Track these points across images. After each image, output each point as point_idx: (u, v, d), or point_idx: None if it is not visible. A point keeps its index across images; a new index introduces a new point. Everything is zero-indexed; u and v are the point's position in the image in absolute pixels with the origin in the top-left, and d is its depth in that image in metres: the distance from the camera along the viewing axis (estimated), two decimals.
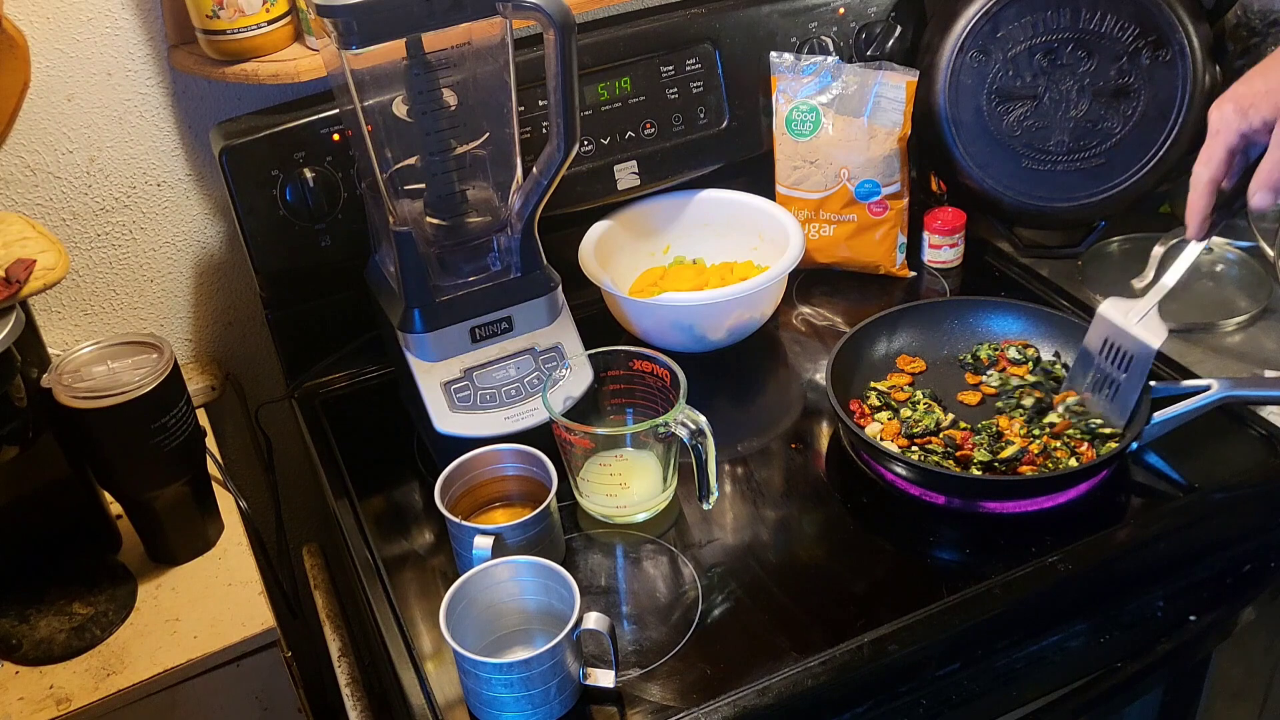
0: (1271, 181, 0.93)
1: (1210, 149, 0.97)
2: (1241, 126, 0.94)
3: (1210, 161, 0.97)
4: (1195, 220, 1.00)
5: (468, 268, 1.09)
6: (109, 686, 0.96)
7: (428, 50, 1.00)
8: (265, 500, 1.43)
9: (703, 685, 0.87)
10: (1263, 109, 0.93)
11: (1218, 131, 0.96)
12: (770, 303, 1.24)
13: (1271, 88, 0.93)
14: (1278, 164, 0.93)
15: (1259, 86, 0.94)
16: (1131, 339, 1.02)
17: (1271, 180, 0.93)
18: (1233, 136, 0.95)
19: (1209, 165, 0.97)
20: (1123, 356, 1.03)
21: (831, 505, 1.05)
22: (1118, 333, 1.03)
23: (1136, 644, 1.01)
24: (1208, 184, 0.98)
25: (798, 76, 1.32)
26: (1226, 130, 0.96)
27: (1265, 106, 0.93)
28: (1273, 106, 0.92)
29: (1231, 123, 0.95)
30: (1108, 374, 1.04)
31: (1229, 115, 0.95)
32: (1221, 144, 0.96)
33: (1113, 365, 1.03)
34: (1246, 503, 1.03)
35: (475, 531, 0.93)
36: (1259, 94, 0.93)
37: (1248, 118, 0.94)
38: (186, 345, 1.35)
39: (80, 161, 1.21)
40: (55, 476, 1.02)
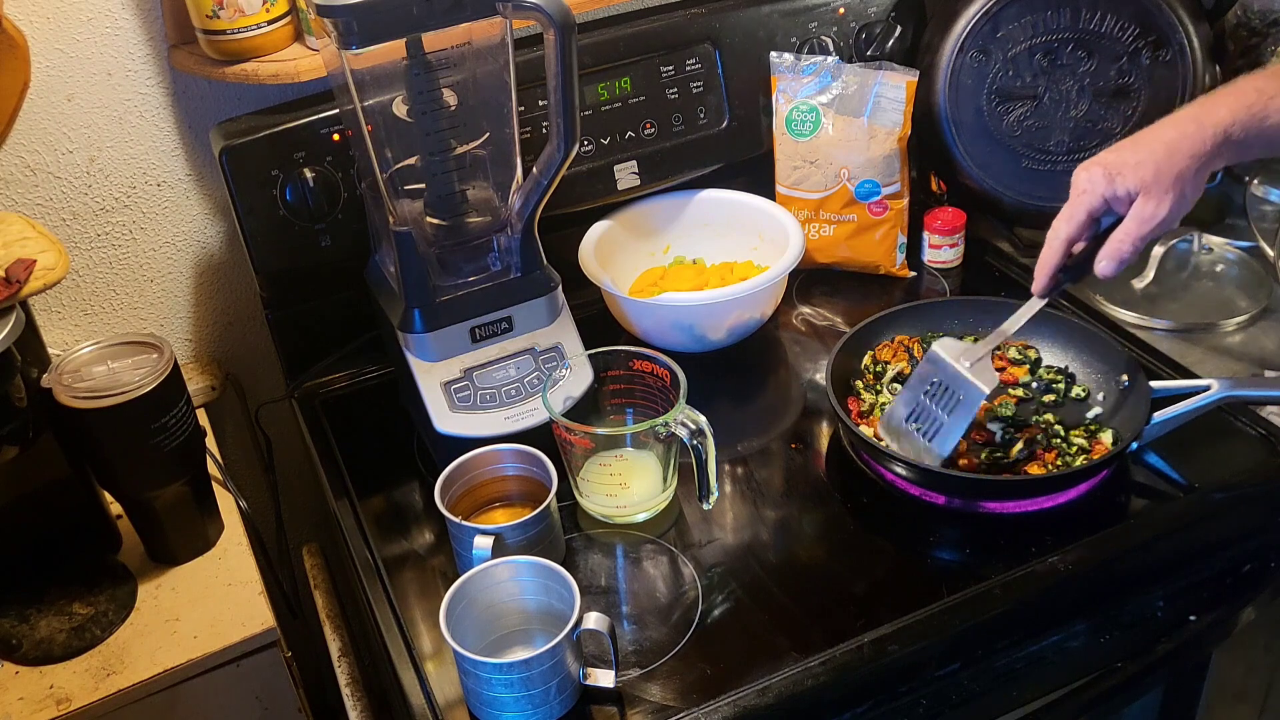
0: (1119, 252, 0.96)
1: (1072, 208, 0.99)
2: (1106, 191, 0.96)
3: (1071, 220, 0.99)
4: (1043, 276, 1.01)
5: (468, 268, 1.09)
6: (109, 686, 0.96)
7: (428, 50, 1.00)
8: (265, 500, 1.43)
9: (703, 685, 0.87)
10: (1129, 180, 0.95)
11: (1083, 192, 0.98)
12: (770, 303, 1.24)
13: (1141, 160, 0.95)
14: (1129, 236, 0.95)
15: (1129, 158, 0.96)
16: (963, 381, 1.00)
17: (1120, 251, 0.96)
18: (1096, 200, 0.97)
19: (1069, 223, 0.99)
20: (950, 397, 1.01)
21: (831, 505, 1.05)
22: (950, 373, 1.01)
23: (1136, 644, 1.01)
24: (1064, 241, 0.99)
25: (798, 76, 1.32)
26: (1092, 192, 0.97)
27: (1132, 178, 0.95)
28: (1138, 179, 0.94)
29: (1098, 186, 0.97)
30: (932, 413, 1.02)
31: (1097, 178, 0.97)
32: (1084, 205, 0.98)
33: (938, 406, 1.02)
34: (1246, 503, 1.03)
35: (475, 531, 0.93)
36: (1128, 165, 0.95)
37: (1114, 185, 0.96)
38: (186, 345, 1.35)
39: (80, 161, 1.21)
40: (55, 476, 1.02)
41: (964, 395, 1.00)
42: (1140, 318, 1.24)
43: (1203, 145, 0.94)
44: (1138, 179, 0.95)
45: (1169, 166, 0.94)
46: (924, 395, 1.03)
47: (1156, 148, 0.95)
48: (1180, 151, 0.94)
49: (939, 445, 1.01)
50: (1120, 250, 0.96)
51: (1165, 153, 0.95)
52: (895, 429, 1.04)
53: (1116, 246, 0.96)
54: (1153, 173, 0.94)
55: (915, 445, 1.02)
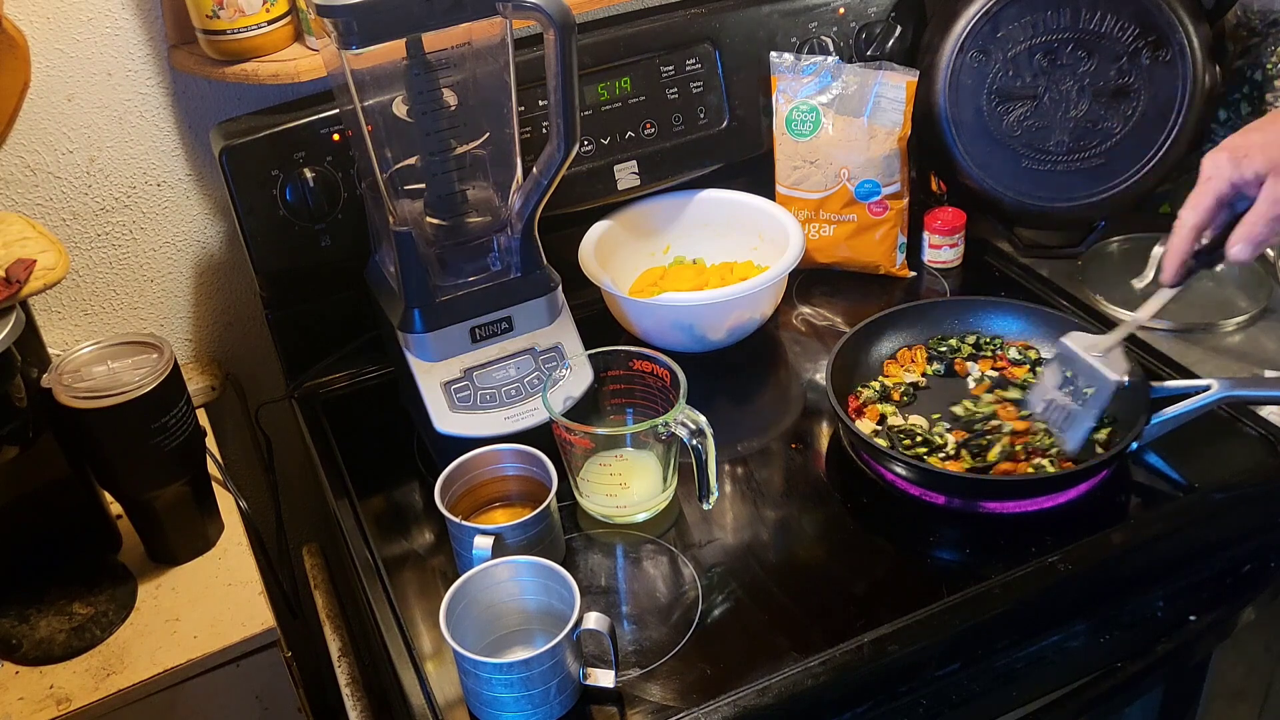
0: (1253, 235, 0.93)
1: (1199, 195, 0.96)
2: (1233, 176, 0.94)
3: (1197, 207, 0.96)
4: (1173, 265, 1.00)
5: (468, 268, 1.09)
6: (109, 686, 0.96)
7: (428, 50, 1.00)
8: (265, 500, 1.43)
9: (703, 685, 0.87)
10: (1256, 162, 0.92)
11: (1209, 178, 0.96)
12: (770, 303, 1.24)
13: (1269, 141, 0.92)
14: (1262, 218, 0.93)
15: (1255, 139, 0.93)
16: (1095, 372, 1.01)
17: (1253, 234, 0.93)
18: (1224, 185, 0.95)
19: (1195, 211, 0.97)
20: (1081, 389, 1.02)
21: (831, 505, 1.05)
22: (1081, 365, 1.02)
23: (1136, 644, 1.01)
24: (1192, 229, 0.97)
25: (798, 76, 1.32)
26: (1218, 178, 0.95)
27: (1259, 159, 0.92)
28: (1267, 160, 0.92)
29: (1224, 171, 0.94)
30: (1065, 405, 1.03)
31: (1222, 163, 0.94)
32: (1211, 191, 0.95)
33: (1070, 398, 1.03)
34: (1246, 503, 1.03)
35: (475, 531, 0.93)
36: (1254, 146, 0.93)
37: (1240, 168, 0.93)
38: (186, 345, 1.35)
39: (80, 161, 1.21)
40: (55, 476, 1.02)
41: (1097, 386, 1.01)
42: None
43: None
44: (1266, 160, 0.91)
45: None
46: (1057, 389, 1.04)
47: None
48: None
49: (1070, 437, 1.02)
50: (1253, 233, 0.93)
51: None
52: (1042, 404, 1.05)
53: (1249, 229, 0.93)
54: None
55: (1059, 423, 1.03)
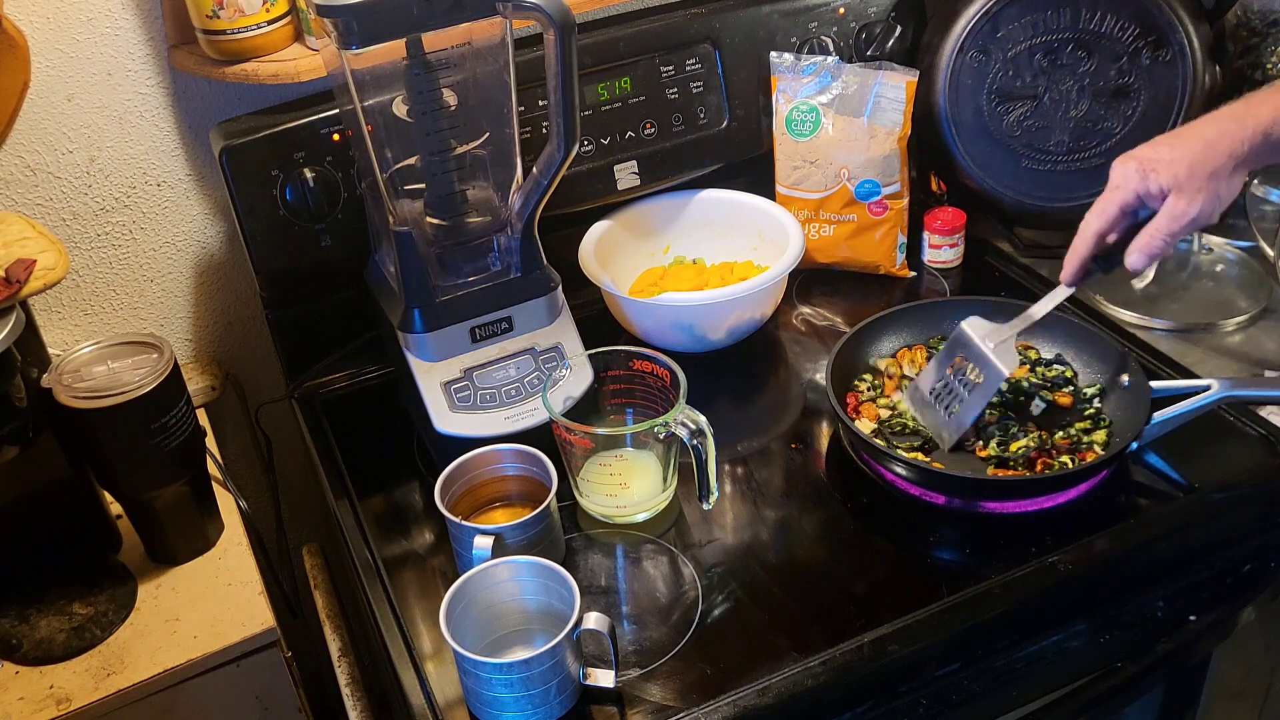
0: (1150, 247, 0.96)
1: (1105, 202, 0.99)
2: (1139, 188, 0.97)
3: (1103, 214, 0.99)
4: (1072, 266, 1.02)
5: (468, 268, 1.09)
6: (109, 686, 0.96)
7: (428, 50, 1.00)
8: (265, 500, 1.43)
9: (703, 685, 0.87)
10: (1163, 176, 0.95)
11: (1117, 187, 0.98)
12: (770, 303, 1.24)
13: (1176, 157, 0.95)
14: (1160, 231, 0.96)
15: (1164, 154, 0.96)
16: (986, 361, 1.02)
17: (1150, 245, 0.96)
18: (1129, 195, 0.97)
19: (1100, 217, 0.99)
20: (973, 376, 1.02)
21: (831, 505, 1.05)
22: (974, 352, 1.03)
23: (1136, 644, 1.01)
24: (1095, 234, 1.00)
25: (798, 76, 1.32)
26: (1125, 188, 0.97)
27: (1165, 174, 0.95)
28: (1171, 176, 0.94)
29: (1131, 182, 0.97)
30: (953, 390, 1.04)
31: (1131, 174, 0.97)
32: (1117, 200, 0.98)
33: (960, 383, 1.03)
34: (1246, 503, 1.03)
35: (475, 531, 0.93)
36: (1163, 161, 0.95)
37: (1146, 181, 0.96)
38: (186, 345, 1.35)
39: (80, 161, 1.21)
40: (55, 476, 1.02)
41: (986, 375, 1.01)
42: (1140, 318, 1.24)
43: (1241, 144, 0.94)
44: (1171, 175, 0.94)
45: (1203, 164, 0.94)
46: (948, 371, 1.04)
47: (1194, 144, 0.95)
48: (1217, 149, 0.94)
49: (955, 422, 1.02)
50: (1151, 245, 0.96)
51: (1201, 149, 0.94)
52: (918, 400, 1.06)
53: (1147, 241, 0.96)
54: (1186, 170, 0.94)
55: (935, 419, 1.04)
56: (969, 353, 1.03)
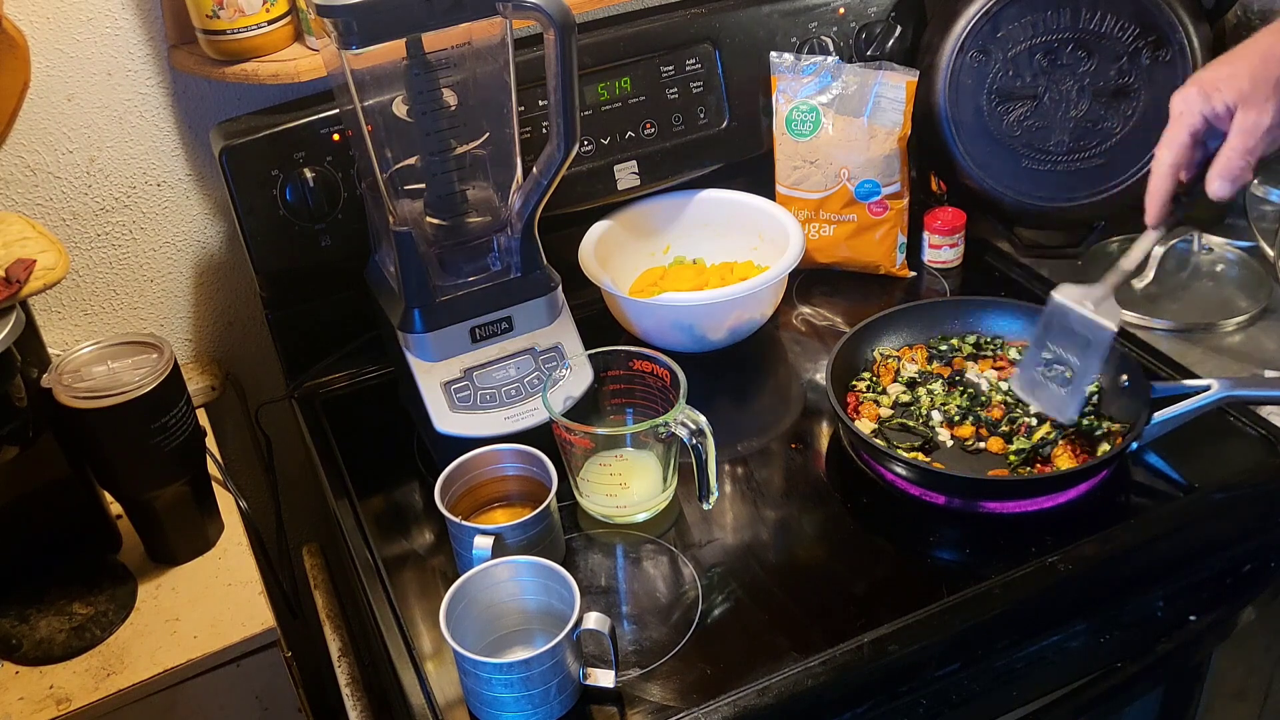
0: (1230, 170, 0.92)
1: (1172, 132, 0.95)
2: (1204, 109, 0.93)
3: (1173, 144, 0.95)
4: (1155, 206, 0.98)
5: (468, 268, 1.09)
6: (109, 686, 0.96)
7: (428, 50, 1.00)
8: (265, 500, 1.43)
9: (703, 685, 0.87)
10: (1226, 93, 0.92)
11: (1180, 114, 0.94)
12: (770, 303, 1.24)
13: (1236, 72, 0.92)
14: (1236, 150, 0.92)
15: (1223, 71, 0.92)
16: (1089, 323, 0.98)
17: (1231, 168, 0.92)
18: (1195, 119, 0.94)
19: (1171, 148, 0.95)
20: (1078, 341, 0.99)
21: (831, 505, 1.05)
22: (1074, 318, 1.00)
23: (1136, 644, 1.01)
24: (1169, 168, 0.96)
25: (798, 76, 1.32)
26: (1189, 113, 0.94)
27: (1229, 90, 0.91)
28: (1236, 90, 0.91)
29: (1194, 105, 0.93)
30: (1063, 361, 1.00)
31: (1192, 98, 0.93)
32: (1184, 126, 0.94)
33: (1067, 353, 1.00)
34: (1246, 503, 1.03)
35: (475, 531, 0.93)
36: (1223, 78, 0.92)
37: (1210, 101, 0.92)
38: (186, 345, 1.35)
39: (80, 161, 1.21)
40: (55, 476, 1.02)
41: (1092, 337, 0.98)
42: (1140, 318, 1.24)
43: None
44: (1235, 90, 0.91)
45: (1265, 73, 0.90)
46: (1051, 344, 1.02)
47: (1252, 57, 0.91)
48: (1276, 57, 0.90)
49: (1074, 392, 1.00)
50: (1230, 166, 0.92)
51: (1261, 60, 0.91)
52: (1029, 383, 1.04)
53: (1225, 163, 0.92)
54: (1249, 82, 0.90)
55: (1050, 395, 1.02)
56: (1069, 319, 0.99)
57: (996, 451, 1.06)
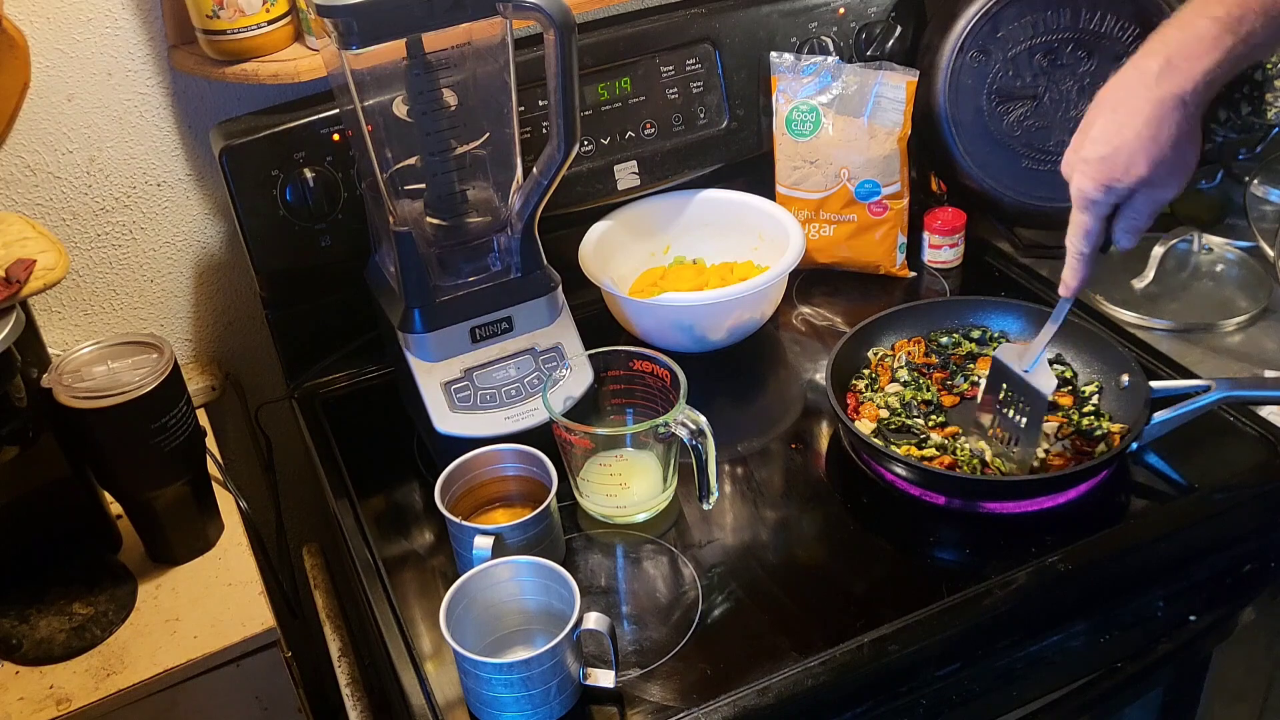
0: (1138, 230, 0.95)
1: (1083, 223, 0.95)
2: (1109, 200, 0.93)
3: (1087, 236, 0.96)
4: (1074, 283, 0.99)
5: (468, 268, 1.09)
6: (109, 686, 0.96)
7: (428, 50, 1.00)
8: (265, 500, 1.43)
9: (703, 685, 0.87)
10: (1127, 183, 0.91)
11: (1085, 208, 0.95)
12: (770, 303, 1.24)
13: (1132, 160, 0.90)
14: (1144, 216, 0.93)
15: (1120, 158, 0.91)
16: (1027, 387, 1.02)
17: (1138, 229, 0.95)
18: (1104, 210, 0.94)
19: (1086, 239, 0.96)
20: (1020, 403, 1.03)
21: (831, 505, 1.05)
22: (1015, 381, 1.03)
23: (1136, 644, 1.01)
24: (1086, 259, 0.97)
25: (798, 76, 1.32)
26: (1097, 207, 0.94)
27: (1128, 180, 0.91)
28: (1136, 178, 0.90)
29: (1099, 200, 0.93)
30: (1008, 424, 1.04)
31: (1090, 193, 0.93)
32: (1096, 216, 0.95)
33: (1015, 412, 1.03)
34: (1246, 503, 1.03)
35: (475, 531, 0.93)
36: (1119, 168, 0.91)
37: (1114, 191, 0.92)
38: (186, 345, 1.35)
39: (80, 161, 1.21)
40: (55, 476, 1.02)
41: (1031, 402, 1.02)
42: (1140, 318, 1.24)
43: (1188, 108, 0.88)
44: (1134, 178, 0.90)
45: (1159, 151, 0.89)
46: (998, 405, 1.05)
47: (1142, 133, 0.89)
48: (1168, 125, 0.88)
49: (1023, 451, 1.02)
50: (1137, 229, 0.94)
51: (1151, 136, 0.88)
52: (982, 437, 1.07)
53: (1134, 226, 0.94)
54: (1148, 166, 0.89)
55: (1005, 452, 1.04)
56: (1010, 381, 1.04)
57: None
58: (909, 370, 1.15)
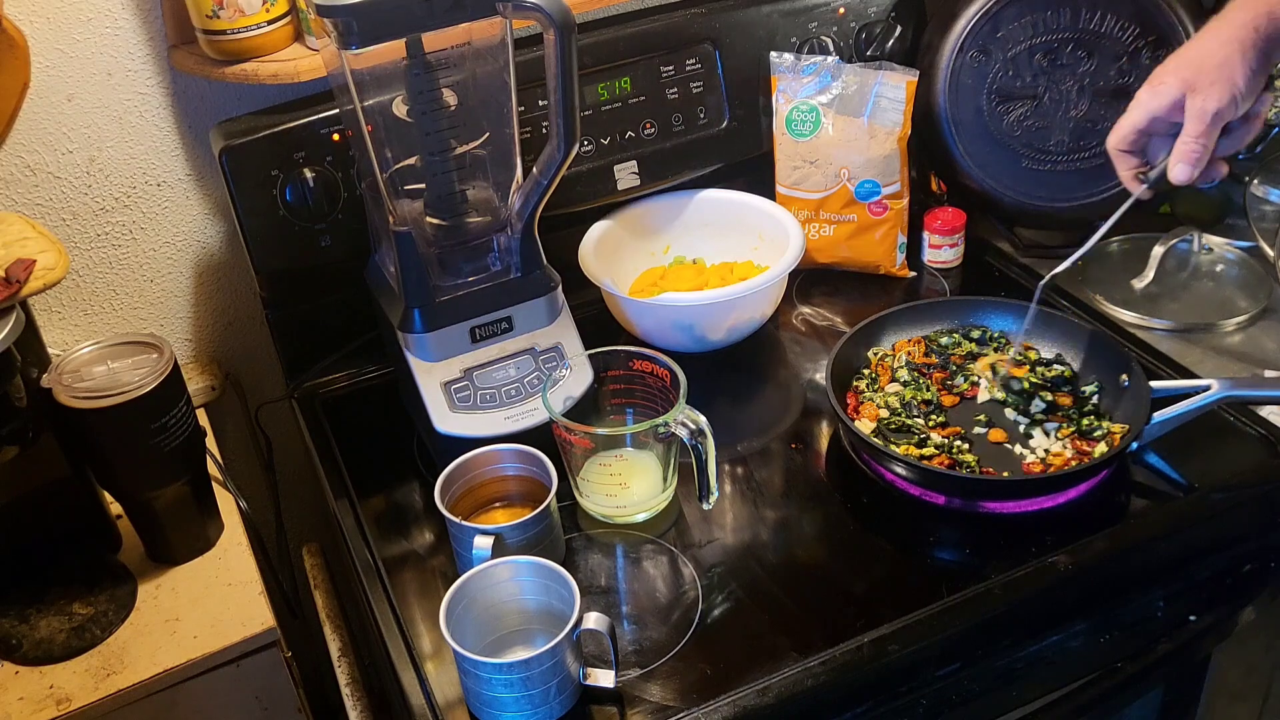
0: (1185, 154, 0.97)
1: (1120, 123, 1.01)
2: (1152, 105, 0.97)
3: (1118, 131, 1.01)
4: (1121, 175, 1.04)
5: (468, 268, 1.09)
6: (109, 686, 0.96)
7: (428, 50, 1.00)
8: (265, 500, 1.43)
9: (703, 685, 0.87)
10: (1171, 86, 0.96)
11: (1130, 111, 1.00)
12: (770, 303, 1.24)
13: (1180, 63, 0.96)
14: (1189, 134, 0.96)
15: (1170, 66, 0.97)
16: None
17: (1185, 152, 0.97)
18: (1142, 116, 0.99)
19: (1116, 134, 1.02)
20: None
21: (831, 505, 1.05)
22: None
23: (1136, 644, 1.01)
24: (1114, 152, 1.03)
25: (798, 76, 1.32)
26: (1137, 109, 0.99)
27: (1173, 80, 0.96)
28: (1179, 80, 0.95)
29: (1143, 101, 0.98)
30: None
31: (1142, 97, 0.99)
32: (1129, 123, 1.00)
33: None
34: (1246, 503, 1.03)
35: (475, 531, 0.93)
36: (1168, 72, 0.97)
37: (1158, 96, 0.97)
38: (186, 345, 1.35)
39: (80, 161, 1.21)
40: (55, 476, 1.02)
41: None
42: (1140, 318, 1.24)
43: (1243, 29, 0.94)
44: (1178, 80, 0.95)
45: (1208, 58, 0.94)
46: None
47: (1196, 45, 0.96)
48: (1220, 39, 0.94)
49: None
50: (1187, 151, 0.96)
51: (1206, 47, 0.95)
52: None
53: (1180, 147, 0.96)
54: (1192, 69, 0.95)
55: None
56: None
57: (1000, 440, 1.07)
58: (909, 370, 1.15)
